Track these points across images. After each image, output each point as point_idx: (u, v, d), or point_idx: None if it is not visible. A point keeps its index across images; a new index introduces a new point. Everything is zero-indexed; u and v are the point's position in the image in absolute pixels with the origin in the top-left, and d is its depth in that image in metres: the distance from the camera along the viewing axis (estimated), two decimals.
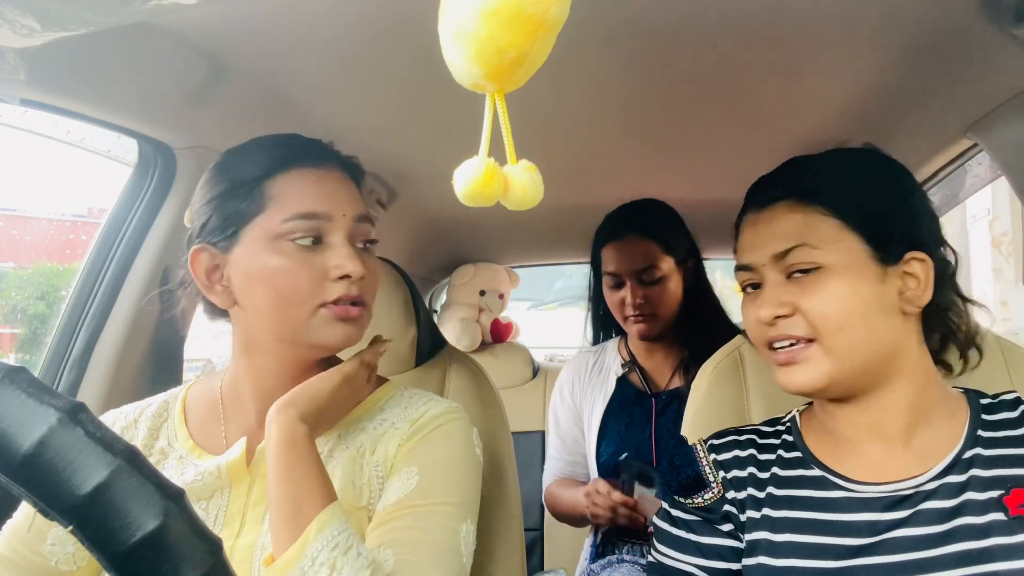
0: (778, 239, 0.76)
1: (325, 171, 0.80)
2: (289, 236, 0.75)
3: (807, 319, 0.73)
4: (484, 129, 0.45)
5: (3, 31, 0.59)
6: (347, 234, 0.78)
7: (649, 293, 1.47)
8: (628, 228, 1.50)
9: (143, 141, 1.11)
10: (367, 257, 0.81)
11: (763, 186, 0.82)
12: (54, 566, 0.77)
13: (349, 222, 0.78)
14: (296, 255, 0.76)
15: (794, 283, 0.75)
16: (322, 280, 0.76)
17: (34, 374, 0.37)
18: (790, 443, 0.81)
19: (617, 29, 0.93)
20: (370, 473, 0.80)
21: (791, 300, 0.74)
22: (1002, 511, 0.68)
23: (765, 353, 0.79)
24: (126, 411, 0.88)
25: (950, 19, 0.89)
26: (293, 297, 0.76)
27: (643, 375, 1.55)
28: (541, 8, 0.40)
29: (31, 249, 2.05)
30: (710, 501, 0.80)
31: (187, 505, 0.37)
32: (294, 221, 0.75)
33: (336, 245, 0.77)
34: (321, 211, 0.77)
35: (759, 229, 0.79)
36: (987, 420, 0.75)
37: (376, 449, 0.81)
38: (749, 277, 0.80)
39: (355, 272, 0.76)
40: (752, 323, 0.79)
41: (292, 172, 0.78)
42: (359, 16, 0.87)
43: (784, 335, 0.75)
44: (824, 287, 0.73)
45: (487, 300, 2.37)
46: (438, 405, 0.85)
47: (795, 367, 0.74)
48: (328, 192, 0.78)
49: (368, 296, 0.81)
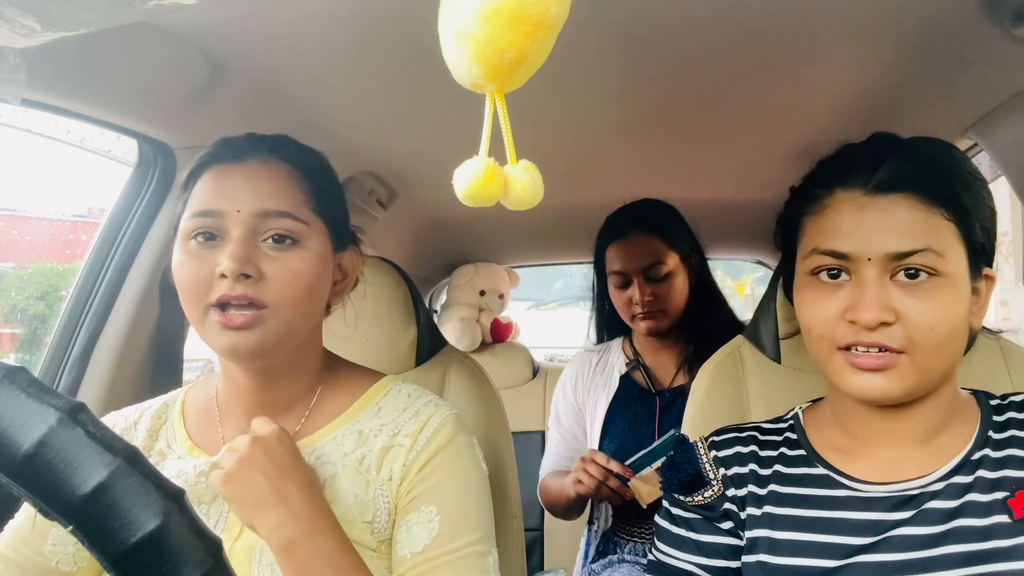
0: (901, 237, 0.67)
1: (236, 167, 0.76)
2: (190, 234, 0.75)
3: (907, 330, 0.66)
4: (484, 129, 0.45)
5: (3, 31, 0.59)
6: (246, 230, 0.73)
7: (657, 290, 1.48)
8: (632, 227, 1.51)
9: (143, 141, 1.11)
10: (278, 257, 0.74)
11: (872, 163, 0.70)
12: (55, 566, 0.77)
13: (246, 217, 0.74)
14: (194, 252, 0.74)
15: (899, 287, 0.67)
16: (212, 278, 0.73)
17: (34, 374, 0.37)
18: (793, 441, 0.81)
19: (617, 29, 0.93)
20: (376, 492, 0.78)
21: (896, 306, 0.67)
22: (1006, 513, 0.68)
23: (829, 352, 0.71)
24: (126, 413, 0.87)
25: (950, 19, 0.89)
26: (186, 294, 0.74)
27: (647, 373, 1.56)
28: (541, 8, 0.40)
29: (31, 249, 2.05)
30: (710, 499, 0.80)
31: (187, 505, 0.37)
32: (192, 219, 0.75)
33: (229, 242, 0.73)
34: (215, 208, 0.74)
35: (869, 216, 0.68)
36: (996, 421, 0.74)
37: (382, 466, 0.79)
38: (833, 264, 0.70)
39: (230, 270, 0.71)
40: (829, 319, 0.70)
41: (207, 171, 0.77)
42: (359, 16, 0.87)
43: (876, 343, 0.67)
44: (937, 300, 0.66)
45: (487, 300, 2.37)
46: (438, 413, 0.82)
47: (878, 375, 0.68)
48: (227, 189, 0.75)
49: (273, 300, 0.73)
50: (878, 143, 0.73)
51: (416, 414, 0.82)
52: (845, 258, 0.69)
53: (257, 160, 0.77)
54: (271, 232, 0.75)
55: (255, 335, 0.73)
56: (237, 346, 0.73)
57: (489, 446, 1.09)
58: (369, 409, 0.83)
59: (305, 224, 0.76)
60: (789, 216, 0.80)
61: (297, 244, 0.76)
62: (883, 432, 0.74)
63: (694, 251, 1.57)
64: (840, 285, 0.70)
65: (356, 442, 0.80)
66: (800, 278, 0.75)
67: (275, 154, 0.79)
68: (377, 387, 0.86)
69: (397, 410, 0.83)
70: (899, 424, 0.73)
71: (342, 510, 0.76)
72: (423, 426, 0.80)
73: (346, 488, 0.77)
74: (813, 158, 0.78)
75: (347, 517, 0.76)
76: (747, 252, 2.57)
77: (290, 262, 0.75)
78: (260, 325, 0.73)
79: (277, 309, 0.74)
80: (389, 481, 0.78)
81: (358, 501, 0.77)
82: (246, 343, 0.73)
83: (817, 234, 0.72)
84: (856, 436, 0.76)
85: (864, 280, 0.68)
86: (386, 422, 0.81)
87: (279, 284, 0.74)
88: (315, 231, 0.78)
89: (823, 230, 0.72)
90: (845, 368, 0.70)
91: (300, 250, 0.76)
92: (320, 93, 1.13)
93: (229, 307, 0.72)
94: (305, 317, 0.78)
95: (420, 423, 0.81)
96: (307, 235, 0.77)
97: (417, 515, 0.76)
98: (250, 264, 0.72)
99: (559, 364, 2.45)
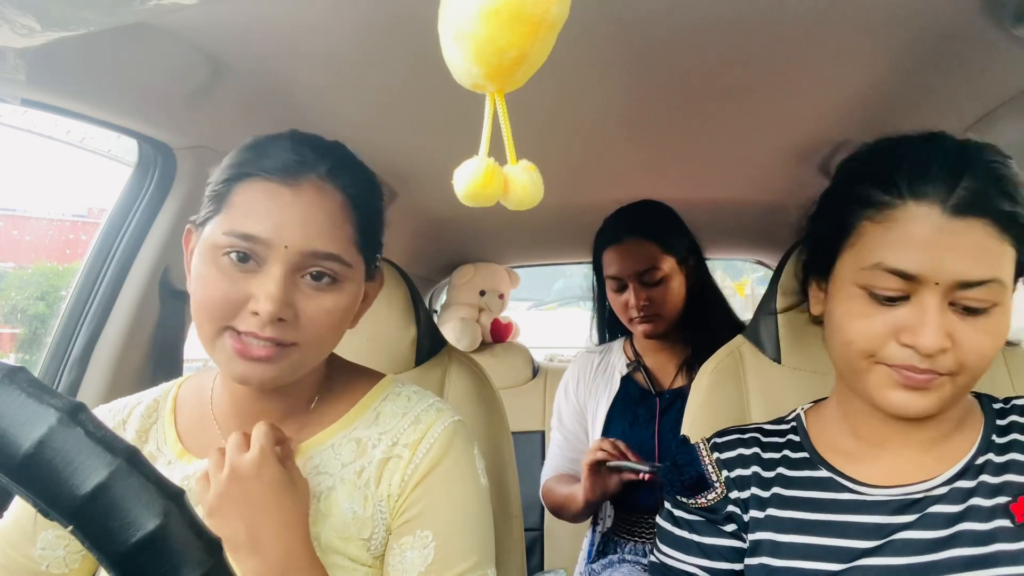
0: (973, 265, 0.64)
1: (288, 191, 0.70)
2: (224, 250, 0.69)
3: (959, 356, 0.65)
4: (484, 129, 0.45)
5: (3, 31, 0.59)
6: (289, 268, 0.69)
7: (652, 294, 1.48)
8: (627, 231, 1.51)
9: (143, 141, 1.11)
10: (314, 296, 0.71)
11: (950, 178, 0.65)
12: (45, 570, 0.76)
13: (294, 255, 0.69)
14: (227, 270, 0.69)
15: (958, 315, 0.65)
16: (241, 305, 0.68)
17: (34, 374, 0.37)
18: (796, 443, 0.80)
19: (617, 29, 0.93)
20: (375, 508, 0.75)
21: (953, 333, 0.65)
22: (1008, 518, 0.67)
23: (868, 364, 0.69)
24: (115, 408, 0.84)
25: (950, 19, 0.89)
26: (206, 310, 0.69)
27: (648, 374, 1.56)
28: (541, 8, 0.40)
29: (31, 249, 2.05)
30: (713, 501, 0.79)
31: (187, 505, 0.37)
32: (231, 237, 0.69)
33: (268, 276, 0.68)
34: (260, 235, 0.68)
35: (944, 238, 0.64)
36: (999, 425, 0.74)
37: (381, 479, 0.76)
38: (898, 288, 0.66)
39: (265, 313, 0.66)
40: (878, 336, 0.67)
41: (255, 181, 0.71)
42: (359, 16, 0.87)
43: (928, 369, 0.65)
44: (993, 328, 0.65)
45: (487, 300, 2.37)
46: (439, 421, 0.79)
47: (920, 393, 0.67)
48: (277, 218, 0.69)
49: (301, 338, 0.70)
50: (951, 152, 0.68)
51: (416, 420, 0.79)
52: (912, 279, 0.65)
53: (312, 187, 0.71)
54: (313, 269, 0.71)
55: (273, 368, 0.70)
56: (249, 377, 0.70)
57: (489, 446, 1.09)
58: (368, 415, 0.81)
59: (349, 266, 0.73)
60: (839, 212, 0.73)
61: (336, 284, 0.72)
62: (893, 436, 0.74)
63: (692, 253, 1.57)
64: (895, 304, 0.67)
65: (355, 452, 0.78)
66: (847, 287, 0.70)
67: (332, 181, 0.73)
68: (376, 391, 0.84)
69: (396, 416, 0.80)
70: (912, 429, 0.73)
71: (339, 525, 0.74)
72: (423, 436, 0.78)
73: (344, 503, 0.75)
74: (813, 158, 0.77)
75: (344, 533, 0.74)
76: (747, 252, 2.56)
77: (326, 303, 0.71)
78: (283, 359, 0.70)
79: (303, 347, 0.71)
80: (388, 497, 0.76)
81: (356, 517, 0.75)
82: (262, 375, 0.70)
83: (883, 247, 0.67)
84: (864, 438, 0.76)
85: (925, 304, 0.65)
86: (385, 430, 0.79)
87: (311, 324, 0.70)
88: (355, 270, 0.75)
89: (891, 245, 0.66)
90: (886, 383, 0.68)
91: (338, 291, 0.73)
92: (320, 93, 1.13)
93: (250, 337, 0.68)
94: (328, 349, 0.77)
95: (420, 432, 0.78)
96: (347, 276, 0.73)
97: (412, 539, 0.74)
98: (288, 308, 0.69)
99: (559, 364, 2.45)
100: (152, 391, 0.87)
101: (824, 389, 0.89)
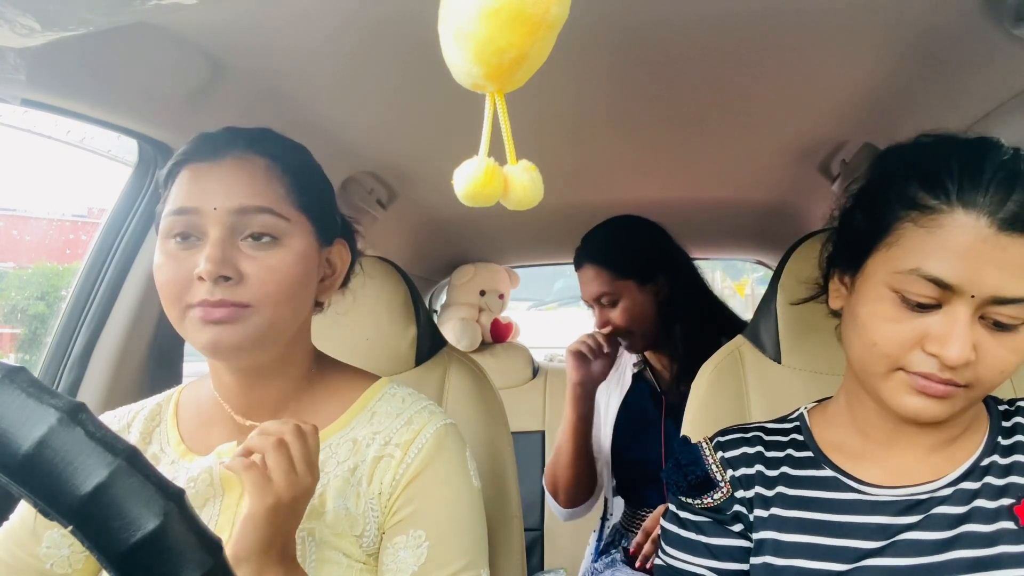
0: (1013, 281, 0.62)
1: (213, 164, 0.74)
2: (168, 233, 0.74)
3: (979, 372, 0.64)
4: (484, 129, 0.45)
5: (3, 31, 0.59)
6: (223, 229, 0.71)
7: (611, 316, 1.51)
8: (583, 256, 1.55)
9: (143, 141, 1.11)
10: (256, 256, 0.73)
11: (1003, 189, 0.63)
12: (49, 569, 0.76)
13: (223, 215, 0.71)
14: (172, 252, 0.73)
15: (986, 329, 0.64)
16: (190, 280, 0.71)
17: (34, 374, 0.37)
18: (800, 442, 0.80)
19: (618, 29, 0.93)
20: (366, 505, 0.77)
21: (978, 347, 0.64)
22: (1012, 520, 0.67)
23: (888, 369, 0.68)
24: (119, 414, 0.86)
25: (950, 19, 0.89)
26: (165, 297, 0.73)
27: (654, 373, 1.62)
28: (541, 8, 0.40)
29: (31, 249, 2.05)
30: (719, 501, 0.78)
31: (187, 505, 0.37)
32: (169, 217, 0.74)
33: (207, 242, 0.71)
34: (191, 205, 0.72)
35: (988, 251, 0.62)
36: (1004, 427, 0.74)
37: (373, 478, 0.77)
38: (932, 296, 0.64)
39: (207, 272, 0.69)
40: (903, 342, 0.66)
41: (185, 169, 0.76)
42: (359, 16, 0.87)
43: (948, 380, 0.64)
44: (1017, 346, 0.64)
45: (487, 300, 2.37)
46: (432, 423, 0.81)
47: (935, 401, 0.66)
48: (204, 186, 0.73)
49: (254, 299, 0.71)
50: (1005, 162, 0.65)
51: (409, 421, 0.80)
52: (948, 289, 0.63)
53: (234, 156, 0.75)
54: (250, 230, 0.73)
55: (237, 331, 0.71)
56: (218, 342, 0.71)
57: (489, 446, 1.09)
58: (364, 414, 0.82)
59: (286, 220, 0.74)
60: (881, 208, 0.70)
61: (277, 242, 0.74)
62: (902, 438, 0.73)
63: (661, 270, 1.51)
64: (926, 311, 0.65)
65: (350, 450, 0.79)
66: (879, 288, 0.68)
67: (253, 149, 0.76)
68: (372, 391, 0.85)
69: (390, 416, 0.81)
70: (923, 432, 0.72)
71: (332, 521, 0.75)
72: (415, 436, 0.79)
73: (337, 500, 0.76)
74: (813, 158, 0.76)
75: (337, 529, 0.75)
76: (747, 252, 2.56)
77: (270, 261, 0.73)
78: (242, 321, 0.71)
79: (258, 308, 0.72)
80: (379, 496, 0.77)
81: (349, 514, 0.76)
82: (228, 339, 0.71)
83: (923, 252, 0.65)
84: (871, 439, 0.75)
85: (956, 315, 0.63)
86: (379, 429, 0.80)
87: (259, 284, 0.72)
88: (297, 227, 0.76)
89: (932, 251, 0.64)
90: (903, 388, 0.67)
91: (280, 248, 0.74)
92: (320, 93, 1.13)
93: (205, 306, 0.70)
94: (289, 315, 0.76)
95: (412, 433, 0.79)
96: (288, 232, 0.75)
97: (405, 539, 0.75)
98: (228, 265, 0.70)
99: (559, 364, 2.45)
100: (155, 397, 0.89)
101: (824, 389, 0.89)
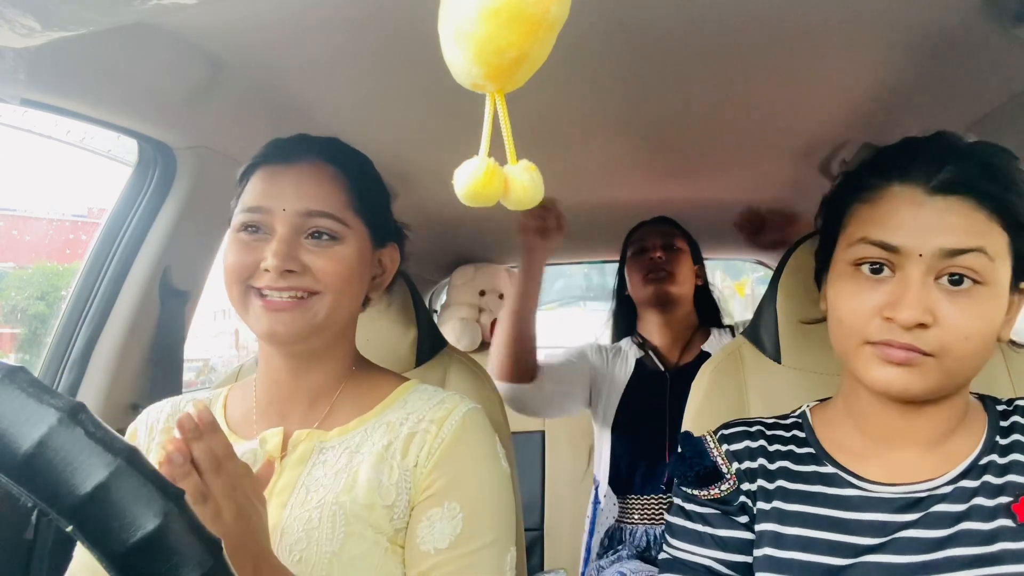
0: (955, 234, 0.66)
1: (285, 168, 0.82)
2: (240, 227, 0.81)
3: (941, 336, 0.66)
4: (484, 129, 0.45)
5: (3, 31, 0.59)
6: (290, 228, 0.79)
7: (670, 256, 1.67)
8: (658, 222, 1.75)
9: (143, 141, 1.11)
10: (318, 252, 0.80)
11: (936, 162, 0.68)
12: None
13: (291, 216, 0.80)
14: (243, 241, 0.81)
15: (941, 291, 0.66)
16: (255, 266, 0.79)
17: (34, 374, 0.37)
18: (801, 439, 0.80)
19: (618, 29, 0.93)
20: (400, 476, 0.80)
21: (935, 310, 0.66)
22: (1010, 518, 0.68)
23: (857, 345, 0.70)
24: (173, 400, 0.91)
25: (950, 19, 0.89)
26: (230, 276, 0.80)
27: (656, 354, 1.71)
28: (541, 8, 0.40)
29: (31, 249, 2.05)
30: (726, 492, 0.79)
31: (187, 505, 0.37)
32: (242, 214, 0.82)
33: (274, 238, 0.79)
34: (263, 205, 0.80)
35: (925, 214, 0.67)
36: (1002, 426, 0.75)
37: (408, 451, 0.81)
38: (880, 256, 0.69)
39: (274, 266, 0.77)
40: (864, 313, 0.69)
41: (259, 171, 0.83)
42: (359, 17, 0.87)
43: (908, 344, 0.66)
44: (977, 309, 0.66)
45: (487, 300, 2.37)
46: (464, 404, 0.86)
47: (905, 369, 0.67)
48: (276, 188, 0.81)
49: (322, 286, 0.80)
50: (943, 142, 0.72)
51: (442, 402, 0.85)
52: (894, 251, 0.68)
53: (305, 162, 0.83)
54: (312, 230, 0.81)
55: (298, 319, 0.79)
56: (276, 330, 0.78)
57: None
58: (398, 403, 0.87)
59: (345, 225, 0.82)
60: (836, 201, 0.77)
61: (336, 240, 0.82)
62: (897, 432, 0.74)
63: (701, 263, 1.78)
64: (881, 280, 0.69)
65: (384, 432, 0.83)
66: (839, 266, 0.74)
67: (322, 157, 0.84)
68: (404, 387, 0.90)
69: (423, 400, 0.86)
70: (914, 424, 0.73)
71: (363, 494, 0.78)
72: (448, 414, 0.83)
73: (369, 472, 0.79)
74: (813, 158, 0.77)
75: (367, 500, 0.78)
76: (747, 252, 2.56)
77: (332, 255, 0.81)
78: (304, 308, 0.79)
79: (323, 293, 0.80)
80: (415, 468, 0.80)
81: (381, 486, 0.79)
82: (288, 325, 0.78)
83: (868, 223, 0.70)
84: (869, 435, 0.76)
85: (908, 278, 0.67)
86: (412, 411, 0.85)
87: (323, 273, 0.80)
88: (354, 231, 0.83)
89: (876, 220, 0.70)
90: (872, 361, 0.69)
91: (339, 246, 0.82)
92: (320, 93, 1.13)
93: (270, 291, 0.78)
94: (347, 303, 0.83)
95: (446, 411, 0.84)
96: (346, 234, 0.82)
97: (440, 511, 0.78)
98: (293, 260, 0.78)
99: None
100: (205, 391, 0.95)
101: (824, 389, 0.89)
